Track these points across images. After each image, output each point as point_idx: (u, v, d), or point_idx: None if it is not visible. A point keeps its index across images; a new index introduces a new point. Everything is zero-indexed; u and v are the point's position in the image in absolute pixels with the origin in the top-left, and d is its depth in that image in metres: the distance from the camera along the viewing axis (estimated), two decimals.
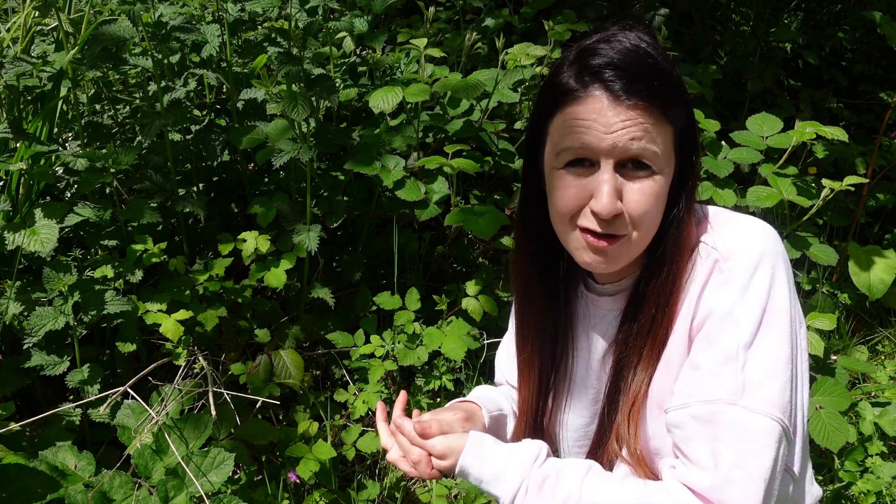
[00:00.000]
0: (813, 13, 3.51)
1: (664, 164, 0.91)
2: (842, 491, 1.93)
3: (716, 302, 0.91)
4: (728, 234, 0.95)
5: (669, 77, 0.91)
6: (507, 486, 0.97)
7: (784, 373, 0.88)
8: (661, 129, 0.90)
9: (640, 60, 0.89)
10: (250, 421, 1.85)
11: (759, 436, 0.86)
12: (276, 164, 1.88)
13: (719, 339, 0.90)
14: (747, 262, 0.91)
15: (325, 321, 2.13)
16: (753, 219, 0.97)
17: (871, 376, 2.30)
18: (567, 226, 0.96)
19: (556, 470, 0.97)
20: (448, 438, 1.03)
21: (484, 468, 0.99)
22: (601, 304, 1.09)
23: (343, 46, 2.33)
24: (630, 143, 0.88)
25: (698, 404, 0.90)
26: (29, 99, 2.08)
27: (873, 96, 3.41)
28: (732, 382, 0.88)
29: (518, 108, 2.38)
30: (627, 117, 0.88)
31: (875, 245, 2.42)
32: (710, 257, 0.94)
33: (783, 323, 0.90)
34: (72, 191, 2.17)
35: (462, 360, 2.00)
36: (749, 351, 0.88)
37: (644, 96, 0.88)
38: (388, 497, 1.91)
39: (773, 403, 0.87)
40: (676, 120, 0.92)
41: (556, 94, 0.94)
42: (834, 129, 1.88)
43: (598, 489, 0.93)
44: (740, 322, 0.89)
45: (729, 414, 0.87)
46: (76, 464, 1.50)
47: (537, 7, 2.66)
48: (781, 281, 0.91)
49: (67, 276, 1.67)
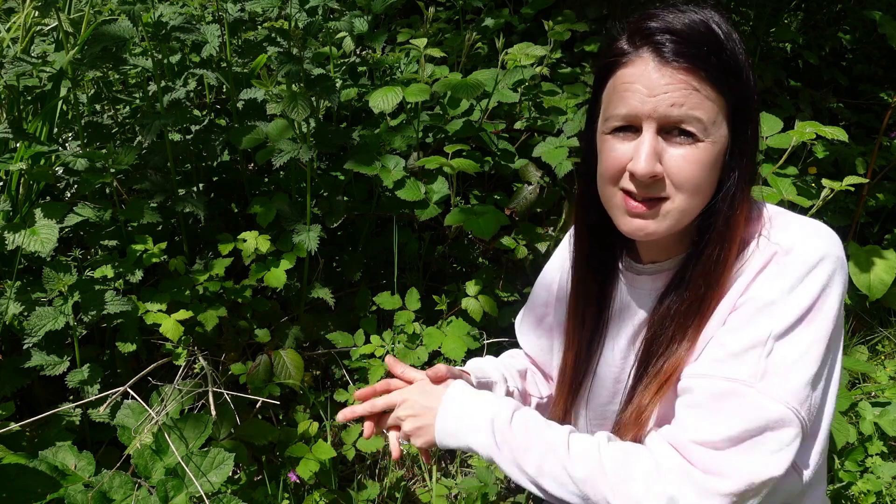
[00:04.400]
0: (813, 13, 3.51)
1: (711, 132, 0.89)
2: (842, 491, 1.93)
3: (762, 290, 0.89)
4: (791, 231, 0.93)
5: (723, 46, 0.88)
6: (485, 419, 0.99)
7: (810, 369, 0.87)
8: (709, 96, 0.88)
9: (695, 27, 0.88)
10: (250, 421, 1.85)
11: (769, 421, 0.85)
12: (276, 163, 1.88)
13: (753, 323, 0.89)
14: (805, 261, 0.89)
15: (325, 321, 2.13)
16: (819, 222, 0.95)
17: (871, 376, 2.30)
18: (610, 189, 0.95)
19: (536, 417, 0.99)
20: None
21: (464, 413, 1.01)
22: (639, 282, 1.06)
23: (343, 46, 2.33)
24: (671, 109, 0.87)
25: (716, 379, 0.89)
26: (29, 99, 2.08)
27: (873, 96, 3.41)
28: (754, 367, 0.87)
29: (518, 108, 2.38)
30: (672, 80, 0.87)
31: (875, 245, 2.42)
32: (768, 249, 0.91)
33: (824, 325, 0.88)
34: (72, 191, 2.16)
35: (462, 360, 2.00)
36: (779, 341, 0.87)
37: (692, 59, 0.86)
38: (388, 497, 1.91)
39: (791, 393, 0.85)
40: (728, 91, 0.89)
41: (608, 59, 0.94)
42: (834, 129, 1.88)
43: (582, 445, 0.94)
44: (779, 314, 0.87)
45: (743, 394, 0.86)
46: (76, 464, 1.50)
47: (537, 7, 2.66)
48: (835, 288, 0.89)
49: (67, 276, 1.67)
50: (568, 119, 2.20)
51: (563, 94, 2.32)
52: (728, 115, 0.90)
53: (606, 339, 1.12)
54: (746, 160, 0.94)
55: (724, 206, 0.93)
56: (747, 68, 0.91)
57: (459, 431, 1.01)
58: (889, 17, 2.38)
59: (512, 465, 0.96)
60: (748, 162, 0.94)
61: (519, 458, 0.96)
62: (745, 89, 0.91)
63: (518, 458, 0.96)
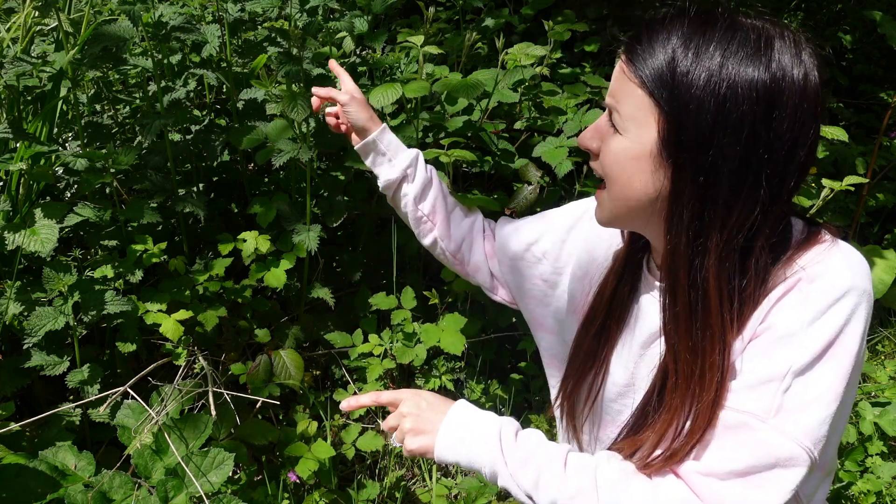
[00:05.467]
0: (813, 13, 3.51)
1: (628, 128, 0.88)
2: (842, 491, 1.93)
3: (783, 319, 0.85)
4: (821, 259, 0.87)
5: (675, 56, 0.84)
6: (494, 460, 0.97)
7: (828, 408, 0.84)
8: (636, 91, 0.87)
9: (659, 31, 0.88)
10: (250, 421, 1.85)
11: (779, 459, 0.83)
12: (276, 163, 1.88)
13: (772, 355, 0.85)
14: (830, 292, 0.84)
15: (325, 321, 2.13)
16: (853, 251, 0.90)
17: (871, 376, 2.30)
18: None
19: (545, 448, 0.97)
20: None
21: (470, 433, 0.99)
22: (655, 289, 1.04)
23: (343, 46, 2.33)
24: (608, 95, 0.92)
25: (728, 410, 0.86)
26: (29, 99, 2.08)
27: (873, 96, 3.41)
28: (769, 402, 0.84)
29: (518, 108, 2.38)
30: (619, 70, 0.90)
31: (875, 245, 2.42)
32: (794, 275, 0.87)
33: (845, 361, 0.84)
34: (72, 191, 2.17)
35: (462, 357, 2.00)
36: (798, 378, 0.84)
37: (634, 54, 0.88)
38: (388, 497, 1.91)
39: (805, 432, 0.83)
40: (662, 92, 0.84)
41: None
42: (834, 129, 1.88)
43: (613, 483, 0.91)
44: (799, 348, 0.84)
45: (756, 429, 0.84)
46: (76, 464, 1.50)
47: (537, 7, 2.66)
48: (858, 322, 0.85)
49: (67, 276, 1.67)
50: (568, 119, 2.20)
51: (563, 94, 2.31)
52: (662, 128, 0.85)
53: (622, 334, 1.09)
54: (715, 216, 0.84)
55: (678, 242, 0.87)
56: (708, 95, 0.82)
57: (462, 442, 0.99)
58: (889, 17, 2.38)
59: (511, 480, 0.95)
60: (723, 210, 0.84)
61: (518, 471, 0.95)
62: (691, 100, 0.82)
63: (517, 471, 0.95)
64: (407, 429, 1.03)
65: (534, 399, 2.21)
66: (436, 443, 1.00)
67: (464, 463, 0.98)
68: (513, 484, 0.95)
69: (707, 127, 0.82)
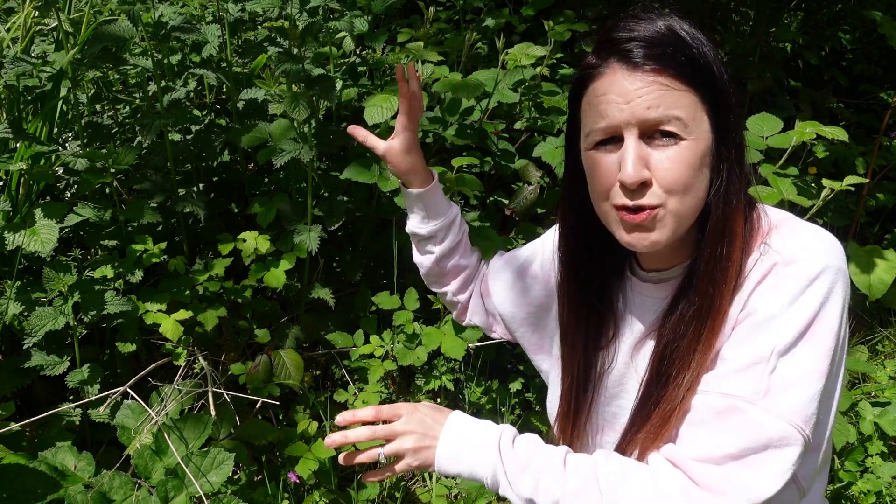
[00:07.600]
0: (813, 13, 3.51)
1: (692, 130, 0.88)
2: (842, 491, 1.93)
3: (762, 303, 0.88)
4: (794, 241, 0.91)
5: (688, 44, 0.88)
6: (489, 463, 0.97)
7: (814, 385, 0.85)
8: (683, 93, 0.87)
9: (658, 31, 0.88)
10: (250, 421, 1.85)
11: (770, 439, 0.84)
12: (277, 163, 1.88)
13: (755, 339, 0.87)
14: (806, 273, 0.87)
15: (325, 321, 2.13)
16: (824, 231, 0.93)
17: (871, 376, 2.30)
18: (605, 205, 0.94)
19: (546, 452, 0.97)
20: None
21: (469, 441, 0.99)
22: (643, 290, 1.05)
23: (343, 46, 2.33)
24: (648, 112, 0.86)
25: (717, 395, 0.88)
26: (29, 99, 2.08)
27: (873, 96, 3.41)
28: (757, 384, 0.86)
29: (518, 108, 2.38)
30: (644, 83, 0.86)
31: (875, 245, 2.42)
32: (770, 258, 0.90)
33: (827, 339, 0.87)
34: (72, 191, 2.17)
35: (462, 359, 2.00)
36: (782, 358, 0.86)
37: (659, 60, 0.86)
38: (388, 497, 1.91)
39: (794, 411, 0.84)
40: (702, 86, 0.89)
41: (580, 75, 0.94)
42: (834, 129, 1.88)
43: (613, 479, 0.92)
44: (781, 329, 0.86)
45: (746, 411, 0.85)
46: (76, 464, 1.50)
47: (537, 7, 2.66)
48: (836, 300, 0.88)
49: (67, 276, 1.67)
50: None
51: (563, 94, 2.31)
52: (707, 111, 0.89)
53: (612, 341, 1.11)
54: (735, 155, 0.92)
55: (720, 203, 0.92)
56: (718, 64, 0.90)
57: (463, 453, 0.98)
58: (889, 17, 2.38)
59: (509, 487, 0.95)
60: (737, 156, 0.92)
61: (517, 477, 0.95)
62: (720, 83, 0.90)
63: (516, 477, 0.95)
64: (408, 448, 1.02)
65: (534, 399, 2.21)
66: (436, 456, 1.00)
67: (465, 475, 0.99)
68: (512, 493, 0.96)
69: (730, 99, 0.92)
